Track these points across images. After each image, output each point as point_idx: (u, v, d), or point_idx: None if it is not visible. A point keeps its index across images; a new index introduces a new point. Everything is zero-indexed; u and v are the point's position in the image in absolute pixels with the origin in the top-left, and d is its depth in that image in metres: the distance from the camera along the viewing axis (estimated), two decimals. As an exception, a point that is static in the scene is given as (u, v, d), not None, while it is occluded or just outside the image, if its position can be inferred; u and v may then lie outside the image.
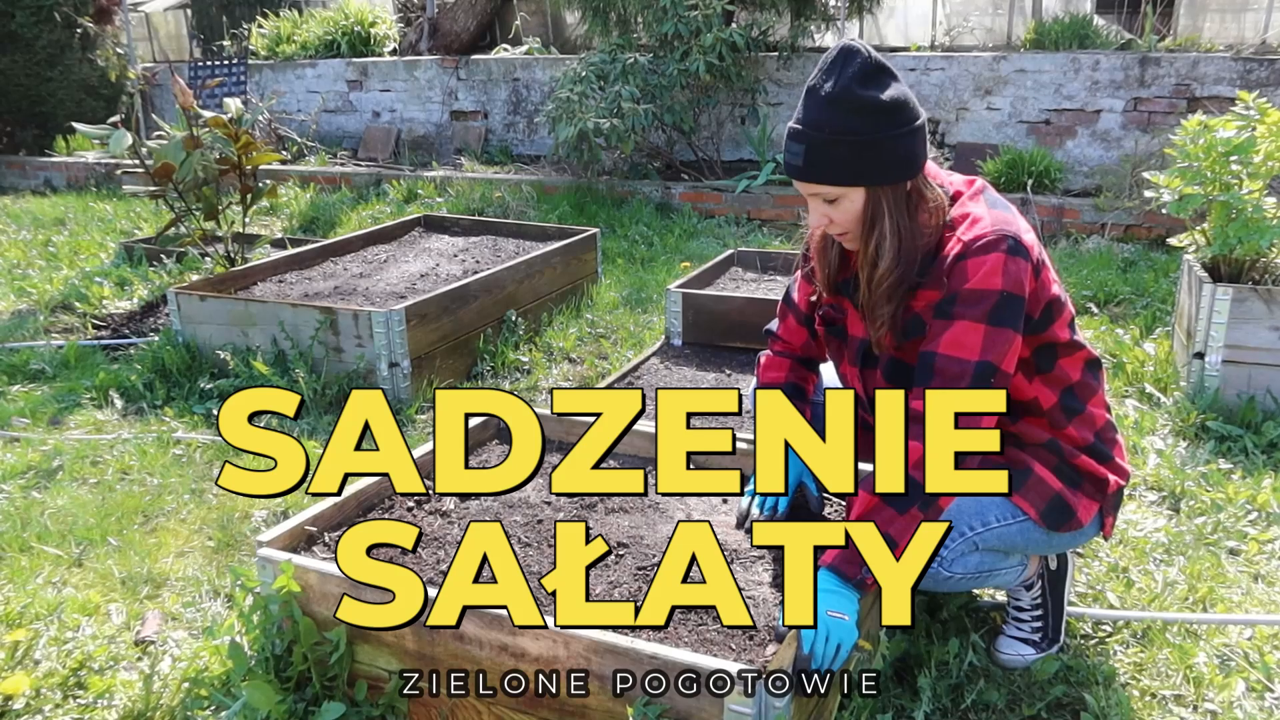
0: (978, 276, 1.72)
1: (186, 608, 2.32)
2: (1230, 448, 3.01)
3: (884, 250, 1.78)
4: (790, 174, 1.79)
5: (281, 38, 9.57)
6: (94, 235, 6.21)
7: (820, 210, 1.80)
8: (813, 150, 1.73)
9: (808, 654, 1.62)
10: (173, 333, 3.81)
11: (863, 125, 1.70)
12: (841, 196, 1.77)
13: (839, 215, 1.79)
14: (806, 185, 1.78)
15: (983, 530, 1.85)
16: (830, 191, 1.76)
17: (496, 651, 1.71)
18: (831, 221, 1.81)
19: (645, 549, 2.06)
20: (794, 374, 2.17)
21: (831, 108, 1.70)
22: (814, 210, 1.81)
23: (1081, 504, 1.90)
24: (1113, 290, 4.57)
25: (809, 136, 1.72)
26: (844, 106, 1.70)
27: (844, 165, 1.73)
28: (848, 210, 1.78)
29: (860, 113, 1.70)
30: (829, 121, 1.70)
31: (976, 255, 1.73)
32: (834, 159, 1.73)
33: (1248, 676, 2.01)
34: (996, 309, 1.71)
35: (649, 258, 5.46)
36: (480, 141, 8.35)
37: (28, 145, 8.96)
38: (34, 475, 3.01)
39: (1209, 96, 5.99)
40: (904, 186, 1.77)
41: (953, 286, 1.74)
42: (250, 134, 4.32)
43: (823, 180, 1.75)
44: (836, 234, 1.84)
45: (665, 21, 6.50)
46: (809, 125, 1.72)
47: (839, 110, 1.70)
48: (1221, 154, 3.21)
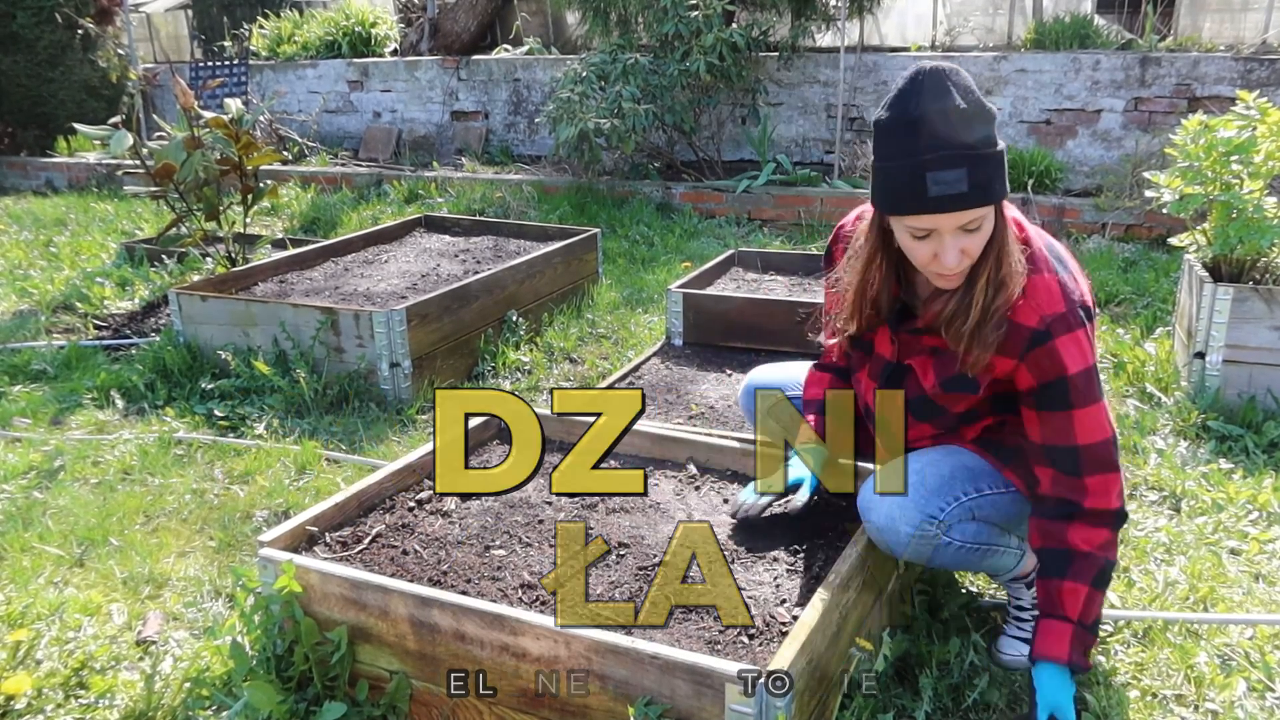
0: (1073, 358, 1.72)
1: (188, 608, 2.32)
2: (1231, 447, 3.01)
3: (1013, 274, 1.68)
4: (948, 207, 1.59)
5: (282, 38, 9.58)
6: (95, 236, 6.22)
7: (958, 244, 1.63)
8: (976, 171, 1.57)
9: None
10: (174, 333, 3.81)
11: (996, 132, 1.62)
12: (984, 219, 1.64)
13: (976, 245, 1.65)
14: (965, 215, 1.60)
15: (976, 496, 1.86)
16: (983, 216, 1.62)
17: (497, 651, 1.71)
18: (965, 254, 1.65)
19: (645, 549, 2.06)
20: (833, 388, 2.15)
21: (973, 120, 1.58)
22: (951, 247, 1.63)
23: None
24: (1113, 290, 4.57)
25: (969, 158, 1.56)
26: (980, 116, 1.59)
27: (994, 181, 1.61)
28: (984, 236, 1.65)
29: (988, 119, 1.60)
30: (979, 135, 1.58)
31: (1063, 335, 1.71)
32: (991, 177, 1.60)
33: (1249, 676, 2.01)
34: (1096, 381, 1.75)
35: (650, 258, 5.46)
36: (481, 142, 8.35)
37: (29, 146, 8.97)
38: (35, 475, 3.01)
39: (1209, 96, 5.99)
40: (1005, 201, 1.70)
41: (1049, 371, 1.73)
42: (251, 134, 4.33)
43: (988, 202, 1.61)
44: (961, 269, 1.68)
45: (666, 21, 6.50)
46: (964, 146, 1.57)
47: (978, 120, 1.59)
48: (1222, 154, 3.21)
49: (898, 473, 1.87)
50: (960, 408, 1.91)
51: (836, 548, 2.02)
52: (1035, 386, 1.76)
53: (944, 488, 1.84)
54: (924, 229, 1.64)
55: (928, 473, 1.86)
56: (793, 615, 1.81)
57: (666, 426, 2.67)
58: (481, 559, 2.03)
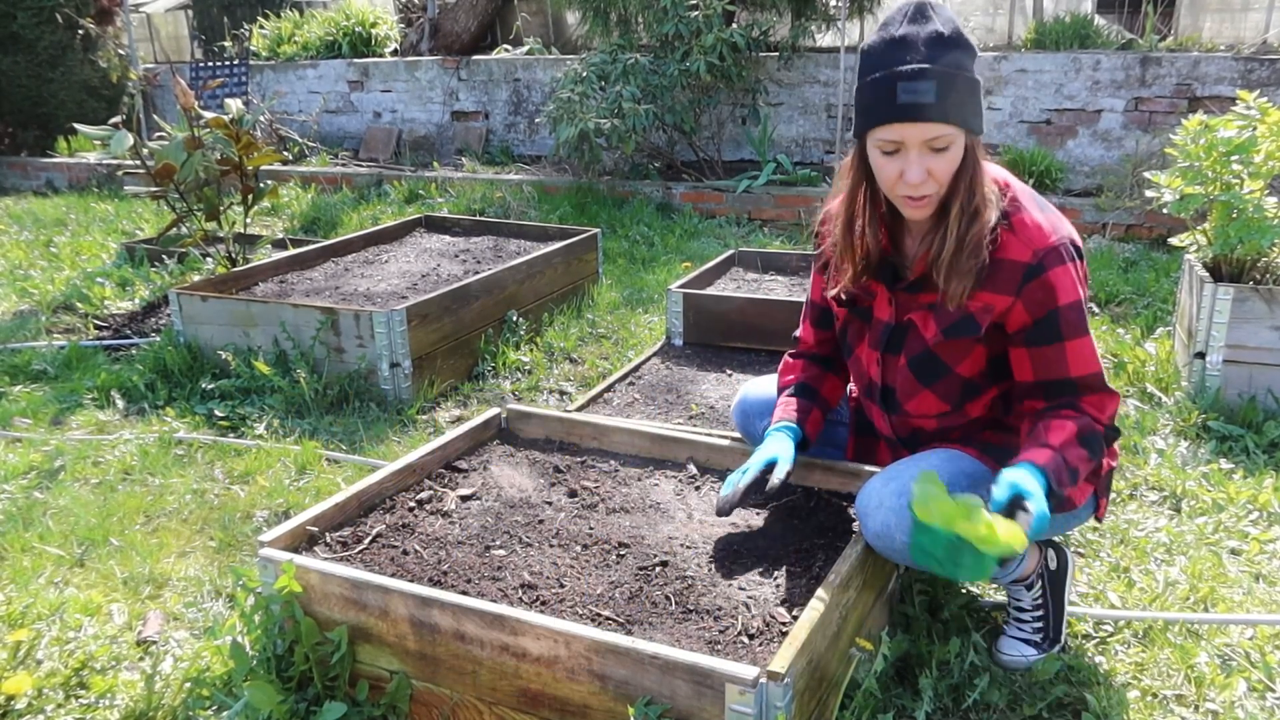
0: (1065, 290, 1.77)
1: (188, 608, 2.32)
2: (1231, 447, 3.01)
3: (986, 202, 1.75)
4: (913, 115, 1.66)
5: (282, 38, 9.58)
6: (95, 236, 6.22)
7: (924, 162, 1.71)
8: (945, 86, 1.65)
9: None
10: (174, 333, 3.81)
11: (972, 65, 1.70)
12: (952, 143, 1.71)
13: (943, 168, 1.72)
14: (931, 127, 1.68)
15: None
16: (949, 135, 1.69)
17: (498, 651, 1.71)
18: (931, 175, 1.72)
19: (645, 549, 2.06)
20: (806, 373, 2.18)
21: (951, 45, 1.67)
22: (915, 163, 1.70)
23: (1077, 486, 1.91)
24: (1114, 290, 4.57)
25: (938, 73, 1.64)
26: (959, 44, 1.67)
27: (965, 105, 1.69)
28: (951, 161, 1.72)
29: (969, 52, 1.69)
30: (953, 59, 1.66)
31: (1056, 267, 1.77)
32: (961, 97, 1.67)
33: (1249, 676, 2.01)
34: (1085, 316, 1.80)
35: (650, 258, 5.46)
36: (481, 142, 8.36)
37: (29, 146, 8.97)
38: (36, 475, 3.01)
39: (1210, 96, 5.99)
40: (980, 141, 1.77)
41: (1044, 304, 1.78)
42: (251, 135, 4.33)
43: (952, 119, 1.68)
44: (925, 194, 1.75)
45: (666, 22, 6.50)
46: (935, 62, 1.65)
47: (956, 47, 1.67)
48: (1222, 154, 3.21)
49: (897, 478, 1.86)
50: (964, 366, 1.91)
51: (836, 548, 2.02)
52: (1029, 324, 1.81)
53: None
54: (892, 141, 1.71)
55: None
56: (793, 615, 1.81)
57: (667, 426, 2.67)
58: (482, 559, 2.03)
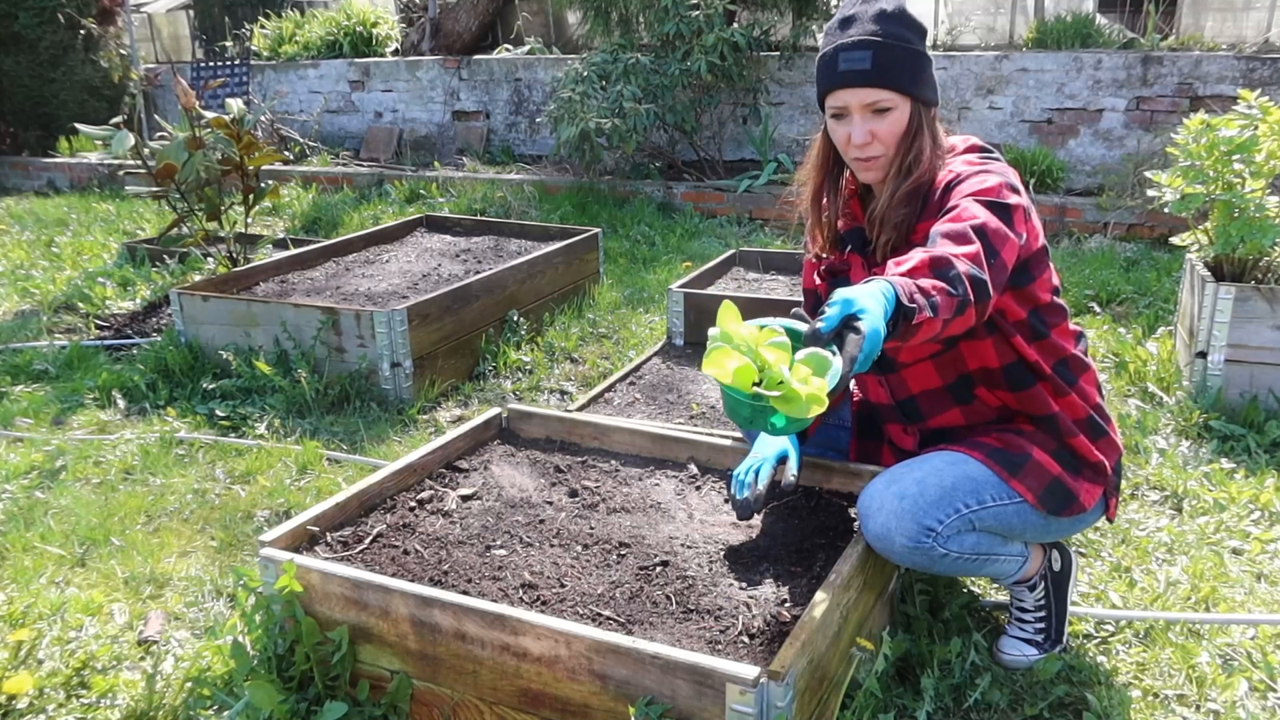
0: (976, 182, 1.80)
1: (189, 607, 2.33)
2: (1233, 447, 3.01)
3: (920, 162, 1.84)
4: (851, 82, 1.82)
5: (284, 38, 9.58)
6: (97, 236, 6.22)
7: (867, 125, 1.83)
8: (881, 54, 1.79)
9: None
10: (175, 333, 3.82)
11: (916, 39, 1.84)
12: (895, 108, 1.83)
13: (885, 130, 1.83)
14: (868, 92, 1.81)
15: (978, 508, 1.84)
16: (888, 99, 1.82)
17: (498, 651, 1.71)
18: (874, 138, 1.84)
19: (646, 549, 2.06)
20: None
21: (891, 20, 1.82)
22: (859, 125, 1.83)
23: (1084, 489, 1.92)
24: (1115, 289, 4.57)
25: (875, 43, 1.80)
26: (900, 20, 1.83)
27: (905, 73, 1.82)
28: (895, 124, 1.83)
29: (913, 28, 1.84)
30: (892, 31, 1.81)
31: (974, 176, 1.82)
32: (900, 65, 1.81)
33: (1250, 676, 2.01)
34: (994, 205, 1.73)
35: (651, 258, 5.46)
36: (482, 141, 8.36)
37: (31, 146, 8.98)
38: (37, 475, 3.01)
39: (1211, 95, 5.98)
40: (932, 112, 1.88)
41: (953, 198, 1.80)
42: (252, 134, 4.33)
43: (889, 85, 1.81)
44: (872, 155, 1.86)
45: (667, 21, 6.50)
46: (874, 34, 1.80)
47: (897, 22, 1.82)
48: (1224, 153, 3.21)
49: (899, 480, 1.86)
50: None
51: (837, 548, 2.02)
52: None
53: (944, 499, 1.81)
54: (838, 107, 1.86)
55: (929, 483, 1.83)
56: (793, 615, 1.81)
57: (667, 426, 2.66)
58: (482, 559, 2.03)
